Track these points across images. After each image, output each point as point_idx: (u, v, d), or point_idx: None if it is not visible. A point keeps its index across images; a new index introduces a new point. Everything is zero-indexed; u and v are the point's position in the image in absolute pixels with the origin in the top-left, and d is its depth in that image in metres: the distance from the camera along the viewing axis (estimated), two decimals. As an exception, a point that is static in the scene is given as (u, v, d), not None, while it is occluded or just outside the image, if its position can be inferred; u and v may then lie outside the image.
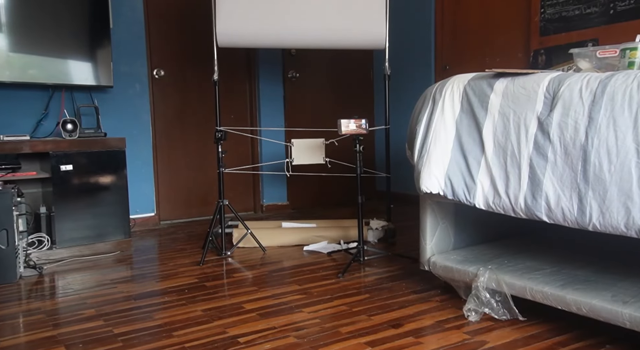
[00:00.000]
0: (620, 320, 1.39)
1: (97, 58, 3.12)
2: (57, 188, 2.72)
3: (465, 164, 1.74)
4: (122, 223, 2.92)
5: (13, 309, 1.96)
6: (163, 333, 1.67)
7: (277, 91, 4.08)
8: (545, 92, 1.54)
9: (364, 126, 2.41)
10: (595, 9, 2.86)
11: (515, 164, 1.59)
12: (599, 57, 1.75)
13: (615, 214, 1.35)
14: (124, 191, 2.93)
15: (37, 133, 3.08)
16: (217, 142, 2.74)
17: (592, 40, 2.87)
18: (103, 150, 2.86)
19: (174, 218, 3.76)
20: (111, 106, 3.37)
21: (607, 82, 1.41)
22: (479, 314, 1.71)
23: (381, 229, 2.97)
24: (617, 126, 1.36)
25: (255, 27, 2.79)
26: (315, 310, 1.85)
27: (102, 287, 2.22)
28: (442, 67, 3.93)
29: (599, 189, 1.39)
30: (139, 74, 3.49)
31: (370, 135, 4.46)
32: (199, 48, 3.72)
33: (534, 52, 3.21)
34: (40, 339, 1.65)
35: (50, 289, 2.22)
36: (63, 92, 3.15)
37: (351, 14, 2.84)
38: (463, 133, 1.77)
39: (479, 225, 2.18)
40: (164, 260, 2.67)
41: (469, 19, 3.69)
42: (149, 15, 3.54)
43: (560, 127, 1.48)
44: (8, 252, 2.28)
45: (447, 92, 1.83)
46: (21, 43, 2.86)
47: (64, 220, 2.74)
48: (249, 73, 4.02)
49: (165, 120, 3.69)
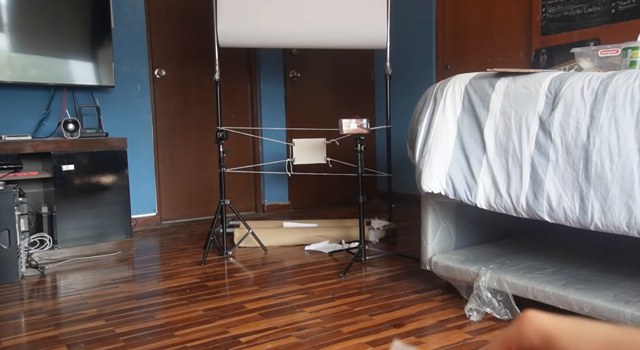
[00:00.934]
0: (622, 320, 1.39)
1: (99, 58, 3.12)
2: (58, 188, 2.72)
3: (466, 163, 1.74)
4: (124, 223, 2.92)
5: (15, 308, 1.97)
6: (164, 333, 1.67)
7: (278, 91, 4.08)
8: (547, 92, 1.54)
9: (365, 126, 2.41)
10: (597, 8, 2.86)
11: (517, 163, 1.59)
12: (600, 56, 1.75)
13: (617, 213, 1.35)
14: (125, 191, 2.93)
15: (38, 133, 3.08)
16: (218, 142, 2.74)
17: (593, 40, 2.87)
18: (104, 150, 2.87)
19: (175, 218, 3.76)
20: (112, 106, 3.37)
21: (608, 82, 1.41)
22: (481, 313, 1.71)
23: (382, 228, 2.97)
24: (619, 126, 1.36)
25: (256, 27, 2.79)
26: (317, 310, 1.85)
27: (103, 287, 2.22)
28: (443, 66, 3.92)
29: (600, 188, 1.38)
30: (140, 74, 3.50)
31: (372, 134, 4.46)
32: (200, 48, 3.72)
33: (536, 51, 3.21)
34: (42, 339, 1.65)
35: (52, 289, 2.22)
36: (64, 92, 3.16)
37: (352, 14, 2.84)
38: (464, 133, 1.77)
39: (481, 225, 2.18)
40: (165, 260, 2.67)
41: (470, 18, 3.69)
42: (150, 15, 3.54)
43: (561, 126, 1.48)
44: (10, 252, 2.28)
45: (449, 92, 1.82)
46: (23, 43, 2.87)
47: (66, 220, 2.74)
48: (250, 73, 4.02)
49: (167, 120, 3.69)
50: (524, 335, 0.27)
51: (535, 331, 0.26)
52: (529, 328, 0.27)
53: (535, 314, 0.27)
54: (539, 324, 0.26)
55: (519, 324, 0.27)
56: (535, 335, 0.26)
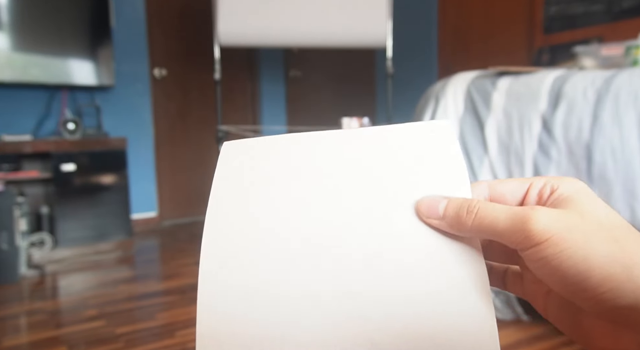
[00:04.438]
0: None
1: (99, 57, 3.11)
2: (58, 188, 2.71)
3: (468, 163, 1.73)
4: (124, 223, 2.92)
5: (15, 309, 1.96)
6: (165, 333, 1.67)
7: (279, 90, 4.07)
8: (549, 91, 1.53)
9: (366, 125, 2.40)
10: (600, 6, 2.85)
11: (519, 162, 1.58)
12: (603, 55, 1.74)
13: (620, 213, 1.34)
14: (125, 191, 2.92)
15: (38, 133, 3.07)
16: (219, 142, 2.73)
17: (596, 38, 2.85)
18: (104, 150, 2.86)
19: (176, 218, 3.75)
20: (112, 106, 3.36)
21: (611, 81, 1.40)
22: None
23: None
24: (622, 125, 1.35)
25: (257, 26, 2.78)
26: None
27: (104, 287, 2.21)
28: (445, 65, 3.91)
29: (603, 188, 1.38)
30: (141, 74, 3.49)
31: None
32: (200, 47, 3.72)
33: (538, 50, 3.19)
34: (42, 340, 1.64)
35: (52, 289, 2.22)
36: (64, 91, 3.15)
37: (353, 13, 2.83)
38: (466, 132, 1.76)
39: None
40: (165, 260, 2.66)
41: (472, 17, 3.67)
42: (150, 14, 3.53)
43: (564, 125, 1.47)
44: (10, 253, 2.28)
45: (450, 91, 1.82)
46: (23, 42, 2.86)
47: (66, 220, 2.73)
48: (251, 72, 4.01)
49: (167, 120, 3.68)
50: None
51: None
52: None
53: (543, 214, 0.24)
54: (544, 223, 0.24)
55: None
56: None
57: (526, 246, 0.24)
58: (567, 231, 0.23)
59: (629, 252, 0.23)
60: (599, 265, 0.22)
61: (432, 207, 0.27)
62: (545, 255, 0.23)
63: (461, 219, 0.26)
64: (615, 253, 0.23)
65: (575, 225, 0.24)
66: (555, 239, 0.23)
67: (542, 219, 0.24)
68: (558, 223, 0.24)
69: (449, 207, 0.27)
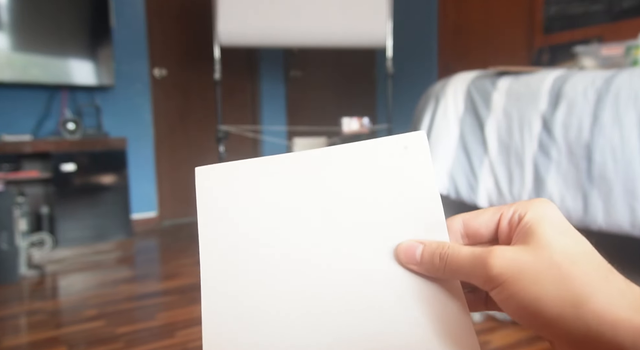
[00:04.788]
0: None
1: (99, 57, 3.11)
2: (58, 188, 2.71)
3: (468, 163, 1.73)
4: (124, 223, 2.92)
5: (15, 309, 1.96)
6: (165, 333, 1.67)
7: (279, 90, 4.07)
8: (550, 91, 1.53)
9: (367, 125, 2.40)
10: (600, 6, 2.84)
11: (519, 163, 1.58)
12: (603, 55, 1.74)
13: (620, 213, 1.34)
14: (125, 191, 2.92)
15: (38, 133, 3.07)
16: (219, 142, 2.73)
17: (596, 38, 2.85)
18: (104, 150, 2.86)
19: (176, 218, 3.75)
20: (112, 106, 3.36)
21: (611, 81, 1.39)
22: (483, 314, 1.70)
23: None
24: (622, 125, 1.35)
25: (257, 26, 2.78)
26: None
27: (104, 287, 2.21)
28: (445, 65, 3.91)
29: (603, 188, 1.37)
30: (140, 73, 3.49)
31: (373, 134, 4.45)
32: (200, 47, 3.71)
33: (538, 50, 3.19)
34: (42, 340, 1.64)
35: (52, 289, 2.22)
36: (64, 91, 3.15)
37: (353, 13, 2.83)
38: (466, 132, 1.76)
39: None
40: (165, 260, 2.66)
41: (472, 17, 3.67)
42: (150, 14, 3.53)
43: (564, 125, 1.47)
44: (10, 253, 2.28)
45: (450, 91, 1.82)
46: (23, 42, 2.86)
47: (66, 220, 2.73)
48: (251, 72, 4.01)
49: (167, 120, 3.68)
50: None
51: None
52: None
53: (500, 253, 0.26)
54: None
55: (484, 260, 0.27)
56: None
57: (488, 288, 0.26)
58: (519, 273, 0.25)
59: (579, 287, 0.24)
60: (549, 306, 0.24)
61: (410, 253, 0.29)
62: (504, 296, 0.26)
63: (435, 266, 0.29)
64: (562, 293, 0.24)
65: (527, 266, 0.25)
66: (509, 281, 0.25)
67: (497, 263, 0.26)
68: (511, 266, 0.26)
69: (425, 254, 0.29)
